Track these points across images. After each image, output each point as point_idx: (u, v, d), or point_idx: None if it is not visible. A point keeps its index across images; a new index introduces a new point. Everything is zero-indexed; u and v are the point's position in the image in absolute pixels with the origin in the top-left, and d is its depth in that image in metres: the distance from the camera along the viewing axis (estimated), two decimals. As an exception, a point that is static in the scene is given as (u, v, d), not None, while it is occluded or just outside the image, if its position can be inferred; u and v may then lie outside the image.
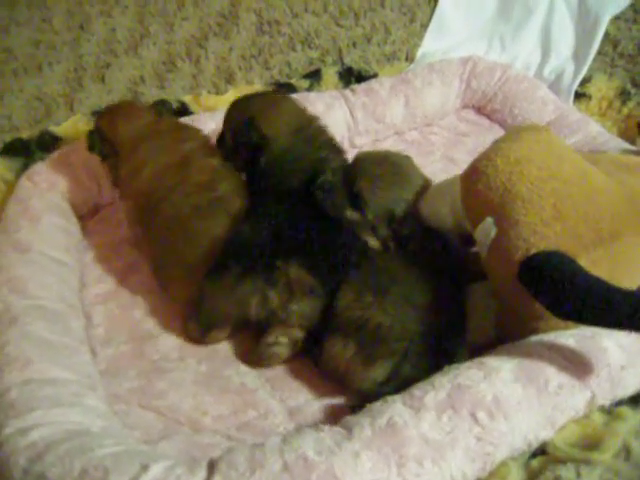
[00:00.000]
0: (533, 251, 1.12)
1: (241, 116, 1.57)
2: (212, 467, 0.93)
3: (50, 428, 1.03)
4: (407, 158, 1.49)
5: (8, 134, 1.89)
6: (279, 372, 1.38)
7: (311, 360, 1.37)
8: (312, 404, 1.30)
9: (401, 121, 2.24)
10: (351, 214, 1.36)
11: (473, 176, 1.22)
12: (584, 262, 1.10)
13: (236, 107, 1.64)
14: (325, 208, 1.40)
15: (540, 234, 1.13)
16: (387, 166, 1.40)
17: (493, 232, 1.18)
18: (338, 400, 1.31)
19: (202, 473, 0.93)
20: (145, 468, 0.92)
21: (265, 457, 0.93)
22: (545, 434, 1.04)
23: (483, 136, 2.23)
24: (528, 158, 1.17)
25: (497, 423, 1.00)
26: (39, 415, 1.06)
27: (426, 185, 1.43)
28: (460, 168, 1.32)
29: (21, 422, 1.04)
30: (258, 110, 1.56)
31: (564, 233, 1.13)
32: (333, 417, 1.23)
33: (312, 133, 1.58)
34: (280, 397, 1.32)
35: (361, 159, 1.45)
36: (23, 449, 0.99)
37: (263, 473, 0.90)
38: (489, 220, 1.19)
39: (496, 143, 1.24)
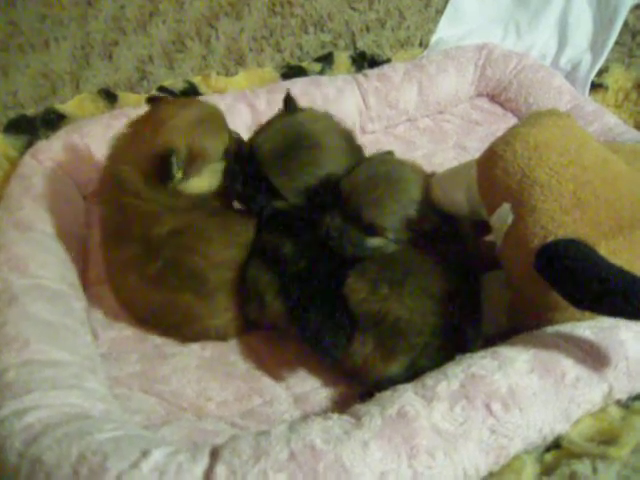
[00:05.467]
0: (551, 239, 1.09)
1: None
2: (215, 454, 0.91)
3: (48, 410, 1.01)
4: (390, 154, 1.43)
5: (12, 111, 1.85)
6: (286, 359, 1.36)
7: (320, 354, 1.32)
8: (319, 392, 1.28)
9: (414, 108, 2.22)
10: (373, 241, 1.29)
11: (490, 160, 1.18)
12: (603, 250, 1.07)
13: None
14: (345, 252, 1.29)
15: (558, 221, 1.10)
16: (379, 182, 1.28)
17: (510, 219, 1.15)
18: (345, 388, 1.29)
19: (205, 460, 0.90)
20: (145, 454, 0.90)
21: (271, 445, 0.90)
22: (561, 427, 1.01)
23: (496, 125, 2.22)
24: (548, 143, 1.14)
25: (512, 415, 0.97)
26: (37, 397, 1.03)
27: (421, 170, 1.37)
28: (472, 156, 1.28)
29: (18, 403, 1.02)
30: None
31: (583, 221, 1.10)
32: (340, 405, 1.22)
33: None
34: (286, 384, 1.30)
35: (350, 190, 1.29)
36: (19, 431, 0.96)
37: (268, 461, 0.87)
38: (506, 206, 1.15)
39: (515, 127, 1.20)
